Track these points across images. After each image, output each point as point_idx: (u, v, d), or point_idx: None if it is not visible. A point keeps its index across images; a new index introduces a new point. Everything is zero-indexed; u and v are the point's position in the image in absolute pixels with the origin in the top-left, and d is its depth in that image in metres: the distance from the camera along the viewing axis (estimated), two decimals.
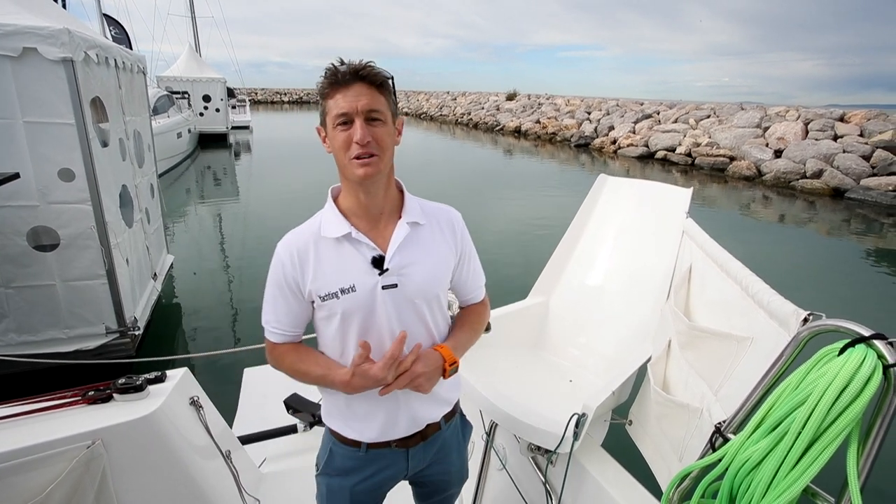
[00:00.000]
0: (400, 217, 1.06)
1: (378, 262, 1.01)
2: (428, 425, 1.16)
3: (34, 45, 2.72)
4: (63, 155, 2.94)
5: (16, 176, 2.76)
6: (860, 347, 0.72)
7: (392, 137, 1.00)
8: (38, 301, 3.12)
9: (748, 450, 0.82)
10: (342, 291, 1.00)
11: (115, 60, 3.55)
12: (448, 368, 1.07)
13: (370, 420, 1.12)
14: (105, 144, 3.31)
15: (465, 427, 1.30)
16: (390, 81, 0.99)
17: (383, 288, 1.01)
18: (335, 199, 1.07)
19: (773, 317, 1.01)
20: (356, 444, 1.14)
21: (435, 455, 1.20)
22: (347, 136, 0.94)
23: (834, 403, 0.69)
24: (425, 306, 1.07)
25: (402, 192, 1.10)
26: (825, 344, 0.80)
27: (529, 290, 2.18)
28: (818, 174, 12.33)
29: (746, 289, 1.15)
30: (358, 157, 0.95)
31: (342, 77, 0.94)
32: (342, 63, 0.95)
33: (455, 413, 1.25)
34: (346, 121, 0.94)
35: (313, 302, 1.04)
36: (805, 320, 0.88)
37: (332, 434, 1.17)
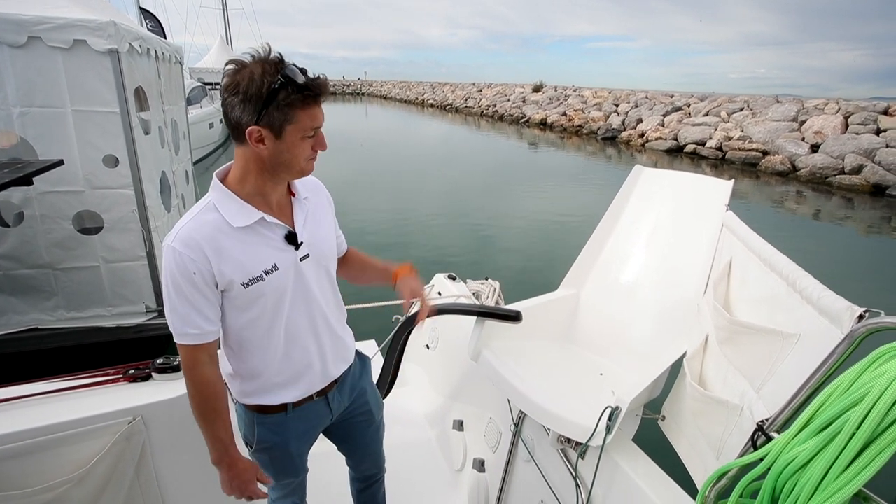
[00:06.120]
0: (293, 195, 1.16)
1: (291, 238, 1.11)
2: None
3: (84, 38, 2.81)
4: (108, 142, 3.05)
5: (59, 163, 2.85)
6: None
7: None
8: (84, 281, 3.26)
9: (794, 449, 0.80)
10: (266, 273, 1.07)
11: (156, 51, 3.65)
12: None
13: (298, 379, 1.19)
14: (146, 132, 3.42)
15: (363, 359, 1.44)
16: None
17: (301, 260, 1.13)
18: (225, 185, 1.07)
19: (823, 313, 0.98)
20: (282, 408, 1.20)
21: (350, 391, 1.34)
22: (311, 143, 1.05)
23: (894, 405, 0.68)
24: (331, 266, 1.24)
25: None
26: (879, 343, 0.78)
27: (554, 281, 2.16)
28: (857, 170, 11.80)
29: (793, 284, 1.11)
30: (312, 159, 1.08)
31: (319, 92, 1.00)
32: (303, 72, 0.98)
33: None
34: (315, 133, 1.04)
35: (224, 291, 1.06)
36: (860, 317, 0.86)
37: (253, 410, 1.20)
